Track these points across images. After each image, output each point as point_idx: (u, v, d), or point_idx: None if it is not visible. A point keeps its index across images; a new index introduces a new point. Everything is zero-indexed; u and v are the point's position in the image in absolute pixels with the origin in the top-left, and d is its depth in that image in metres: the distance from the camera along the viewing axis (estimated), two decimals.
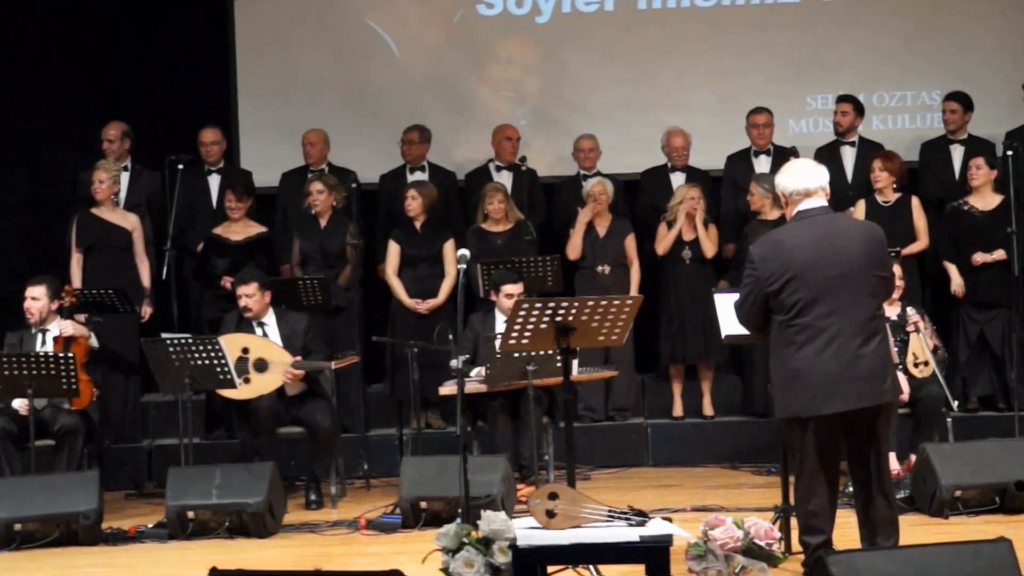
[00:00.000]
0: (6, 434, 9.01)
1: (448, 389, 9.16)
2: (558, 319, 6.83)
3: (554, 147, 11.69)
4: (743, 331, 6.96)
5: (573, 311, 6.84)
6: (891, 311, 9.00)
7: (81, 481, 8.56)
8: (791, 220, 6.59)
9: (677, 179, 11.08)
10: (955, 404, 9.40)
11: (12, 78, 11.67)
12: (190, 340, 8.97)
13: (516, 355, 8.63)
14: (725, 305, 7.22)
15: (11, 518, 8.34)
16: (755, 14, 11.78)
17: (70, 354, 8.89)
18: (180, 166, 10.45)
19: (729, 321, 7.13)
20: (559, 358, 7.53)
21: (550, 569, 6.31)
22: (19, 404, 9.03)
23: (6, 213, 11.79)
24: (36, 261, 11.04)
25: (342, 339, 10.13)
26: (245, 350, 9.20)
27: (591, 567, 6.48)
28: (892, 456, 8.31)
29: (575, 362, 7.72)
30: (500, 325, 9.34)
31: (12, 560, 8.11)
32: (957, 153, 10.96)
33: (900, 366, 8.95)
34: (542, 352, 8.55)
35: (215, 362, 8.89)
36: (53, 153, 11.67)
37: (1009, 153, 10.06)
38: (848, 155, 10.99)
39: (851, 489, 6.68)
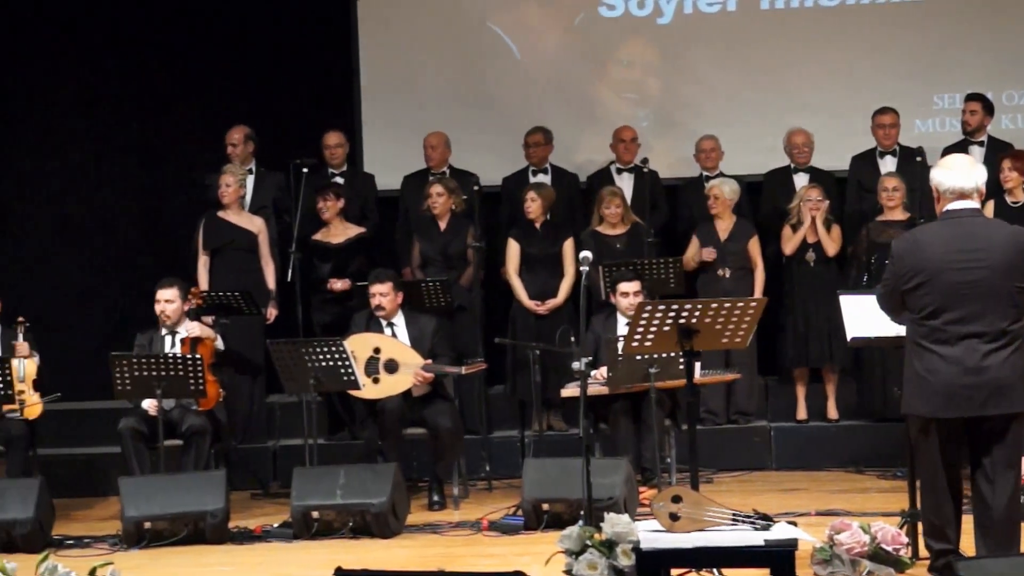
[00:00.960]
0: (136, 434, 9.16)
1: (570, 391, 9.16)
2: (681, 321, 6.80)
3: (676, 148, 11.63)
4: (870, 333, 6.89)
5: (697, 313, 6.81)
6: None
7: (208, 481, 8.68)
8: (938, 219, 6.47)
9: (800, 180, 10.98)
10: None
11: (140, 83, 11.86)
12: (315, 342, 9.06)
13: (638, 357, 8.60)
14: (851, 307, 7.14)
15: (141, 516, 8.48)
16: (880, 12, 11.63)
17: (198, 356, 9.02)
18: (304, 169, 10.53)
19: (855, 323, 7.06)
20: (681, 360, 7.49)
21: (673, 572, 6.29)
22: (148, 405, 9.17)
23: (133, 217, 11.99)
24: (163, 264, 11.21)
25: (464, 341, 10.17)
26: (377, 350, 9.29)
27: (715, 571, 6.45)
28: None
29: (697, 364, 7.67)
30: (622, 327, 9.32)
31: (141, 558, 8.23)
32: None
33: None
34: (664, 354, 8.51)
35: (339, 363, 8.97)
36: (179, 156, 11.85)
37: None
38: (976, 155, 10.78)
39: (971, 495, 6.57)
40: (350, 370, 9.00)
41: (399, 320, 9.52)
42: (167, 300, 9.43)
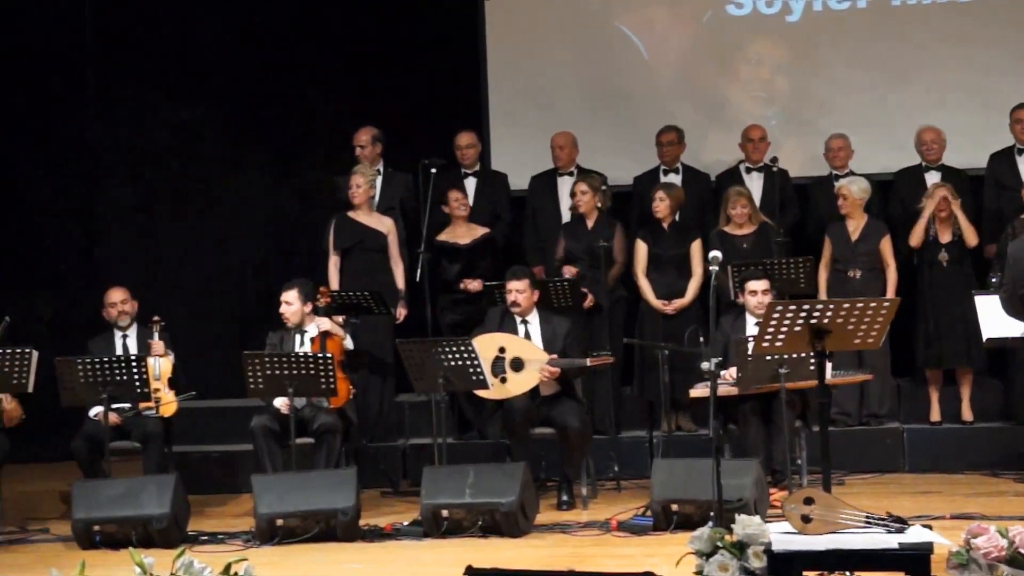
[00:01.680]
0: (268, 432, 9.28)
1: (699, 391, 9.11)
2: (813, 321, 6.74)
3: (805, 147, 11.53)
4: (1006, 333, 6.78)
5: (829, 313, 6.73)
6: None
7: (339, 479, 8.75)
8: None
9: (932, 178, 10.83)
10: None
11: (271, 85, 12.00)
12: (444, 341, 9.12)
13: (768, 358, 8.54)
14: (987, 307, 7.04)
15: (273, 513, 8.58)
16: (1016, 6, 11.43)
17: (328, 354, 9.11)
18: (433, 170, 10.59)
19: (991, 323, 6.96)
20: (812, 361, 7.42)
21: (805, 575, 6.23)
22: (280, 403, 9.28)
23: (264, 218, 12.13)
24: (294, 265, 11.35)
25: (596, 340, 10.17)
26: (502, 349, 9.32)
27: (847, 574, 6.37)
28: None
29: (828, 365, 7.59)
30: (751, 327, 9.26)
31: (274, 554, 8.33)
32: None
33: None
34: (794, 354, 8.44)
35: (468, 363, 9.01)
36: (311, 158, 11.98)
37: None
38: None
39: None
40: (479, 370, 9.03)
41: (533, 318, 9.55)
42: (286, 302, 9.55)
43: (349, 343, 9.58)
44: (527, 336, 9.48)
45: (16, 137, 11.85)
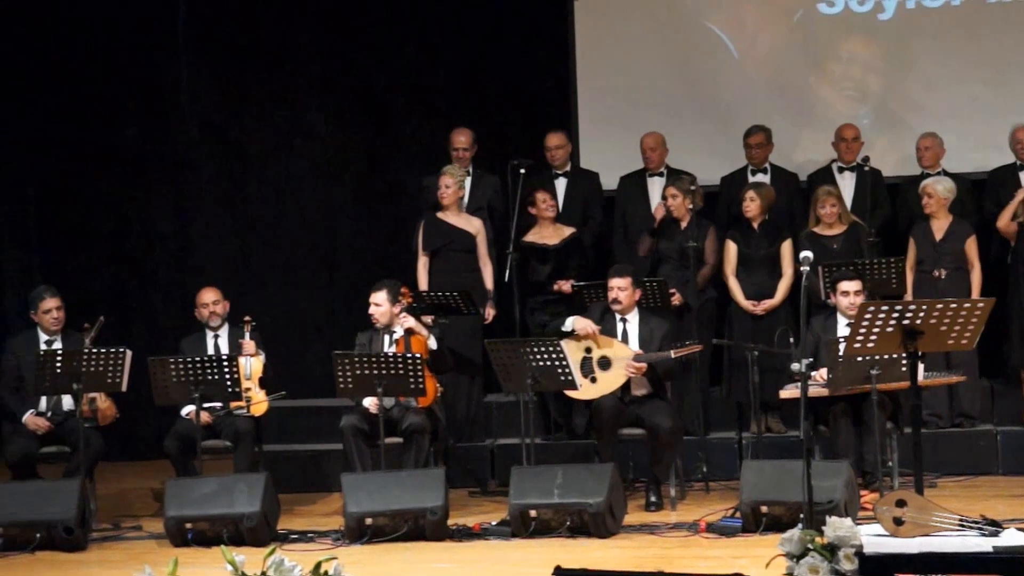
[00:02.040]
0: (357, 431, 9.33)
1: (789, 392, 9.06)
2: (905, 322, 6.67)
3: (898, 146, 11.42)
4: None
5: (921, 314, 6.67)
6: None
7: (428, 478, 8.78)
8: None
9: None
10: None
11: (358, 85, 12.06)
12: (532, 342, 9.12)
13: (859, 359, 8.46)
14: None
15: (362, 512, 8.63)
16: None
17: (417, 354, 9.14)
18: (522, 171, 10.59)
19: None
20: (904, 362, 7.35)
21: None
22: (369, 403, 9.33)
23: (356, 219, 12.19)
24: (385, 265, 11.40)
25: (686, 339, 10.12)
26: (588, 350, 9.34)
27: None
28: None
29: (920, 366, 7.51)
30: (842, 328, 9.19)
31: (363, 553, 8.37)
32: None
33: None
34: (886, 355, 8.36)
35: (556, 363, 9.02)
36: (399, 158, 12.02)
37: None
38: None
39: None
40: (567, 370, 9.04)
41: (633, 317, 9.54)
42: (375, 303, 9.59)
43: (433, 343, 9.61)
44: (624, 334, 9.47)
45: (110, 136, 11.98)
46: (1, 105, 11.95)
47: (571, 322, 9.43)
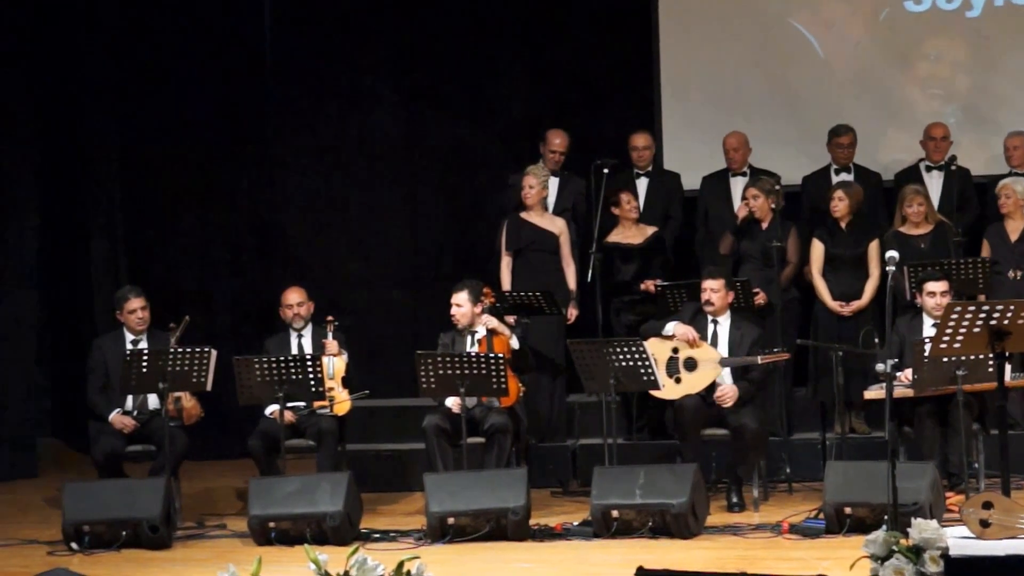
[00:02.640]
0: (440, 431, 9.35)
1: (874, 393, 8.99)
2: (993, 322, 6.60)
3: (986, 145, 11.30)
4: None
5: (1009, 314, 6.60)
6: None
7: (510, 478, 8.78)
8: None
9: None
10: None
11: (444, 84, 12.10)
12: (615, 342, 9.11)
13: (945, 359, 8.38)
14: None
15: (444, 512, 8.64)
16: None
17: (500, 355, 9.15)
18: (605, 171, 10.58)
19: None
20: (990, 362, 7.27)
21: None
22: (452, 403, 9.34)
23: (439, 218, 12.24)
24: (469, 264, 11.43)
25: (768, 341, 10.07)
26: (675, 350, 9.32)
27: None
28: None
29: (1007, 367, 7.43)
30: (928, 329, 9.11)
31: (446, 552, 8.39)
32: None
33: None
34: (972, 356, 8.27)
35: (639, 363, 9.00)
36: (484, 158, 12.05)
37: None
38: None
39: None
40: (650, 370, 9.02)
41: (725, 320, 9.51)
42: (457, 304, 9.60)
43: (515, 343, 9.61)
44: (714, 336, 9.44)
45: (196, 137, 12.09)
46: (91, 105, 12.09)
47: (671, 327, 9.39)
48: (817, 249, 10.42)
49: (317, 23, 12.18)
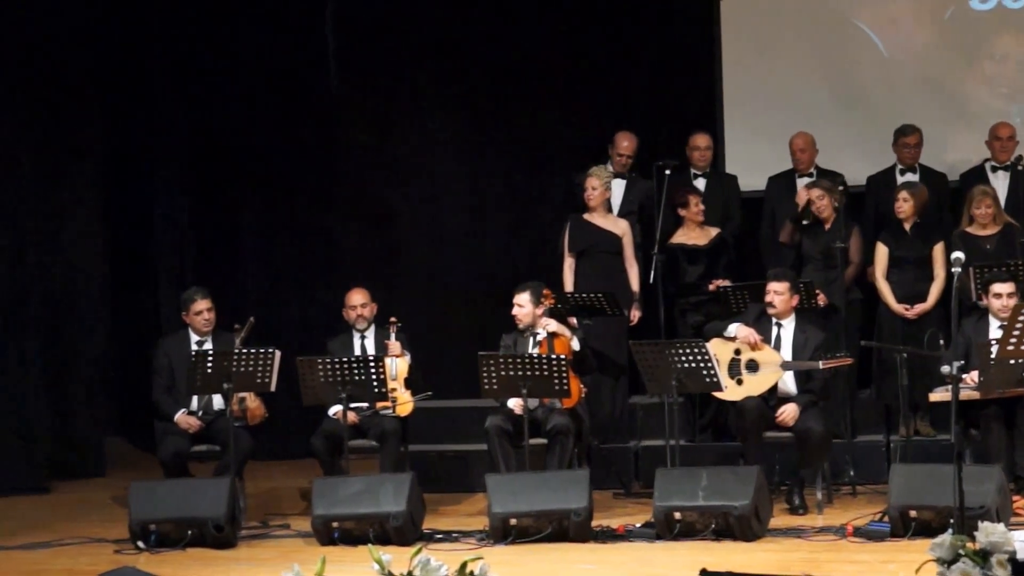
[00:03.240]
0: (502, 432, 9.37)
1: (939, 395, 8.93)
2: None
3: None
4: None
5: None
6: None
7: (572, 479, 8.79)
8: None
9: None
10: None
11: (509, 87, 12.11)
12: (677, 343, 9.10)
13: (1012, 361, 8.30)
14: None
15: (507, 513, 8.65)
16: None
17: (562, 356, 9.16)
18: (667, 171, 10.57)
19: None
20: None
21: None
22: (514, 404, 9.36)
23: (502, 220, 12.24)
24: (532, 265, 11.43)
25: (833, 342, 10.02)
26: (738, 351, 9.29)
27: None
28: None
29: None
30: (994, 330, 9.03)
31: (508, 553, 8.40)
32: None
33: None
34: None
35: (701, 365, 8.98)
36: (548, 159, 12.05)
37: None
38: None
39: None
40: (712, 371, 8.99)
41: (789, 323, 9.46)
42: (519, 305, 9.62)
43: (576, 344, 9.60)
44: (778, 339, 9.40)
45: (263, 141, 12.15)
46: (160, 107, 12.19)
47: (734, 329, 9.37)
48: (881, 252, 10.35)
49: (382, 31, 12.21)
